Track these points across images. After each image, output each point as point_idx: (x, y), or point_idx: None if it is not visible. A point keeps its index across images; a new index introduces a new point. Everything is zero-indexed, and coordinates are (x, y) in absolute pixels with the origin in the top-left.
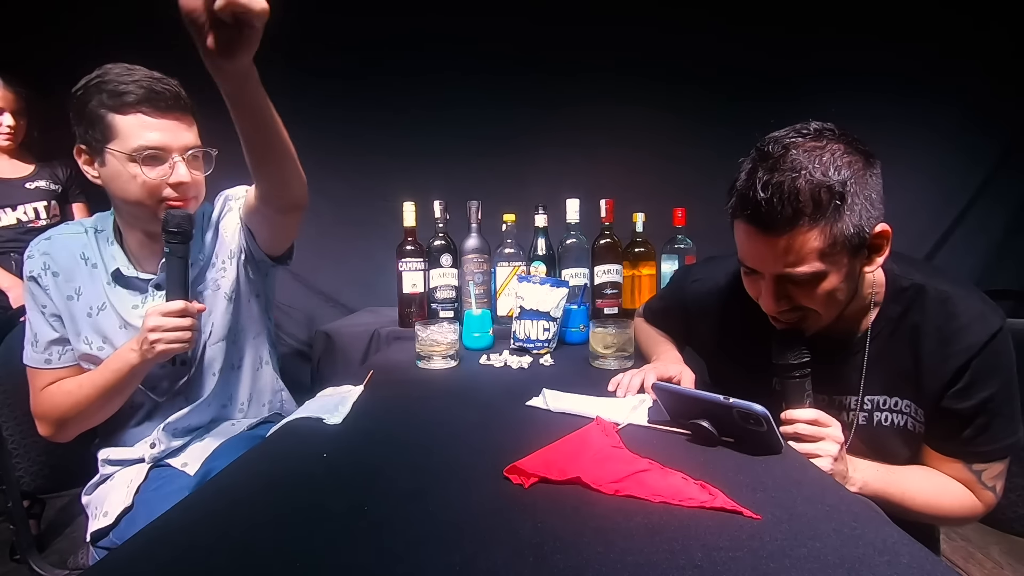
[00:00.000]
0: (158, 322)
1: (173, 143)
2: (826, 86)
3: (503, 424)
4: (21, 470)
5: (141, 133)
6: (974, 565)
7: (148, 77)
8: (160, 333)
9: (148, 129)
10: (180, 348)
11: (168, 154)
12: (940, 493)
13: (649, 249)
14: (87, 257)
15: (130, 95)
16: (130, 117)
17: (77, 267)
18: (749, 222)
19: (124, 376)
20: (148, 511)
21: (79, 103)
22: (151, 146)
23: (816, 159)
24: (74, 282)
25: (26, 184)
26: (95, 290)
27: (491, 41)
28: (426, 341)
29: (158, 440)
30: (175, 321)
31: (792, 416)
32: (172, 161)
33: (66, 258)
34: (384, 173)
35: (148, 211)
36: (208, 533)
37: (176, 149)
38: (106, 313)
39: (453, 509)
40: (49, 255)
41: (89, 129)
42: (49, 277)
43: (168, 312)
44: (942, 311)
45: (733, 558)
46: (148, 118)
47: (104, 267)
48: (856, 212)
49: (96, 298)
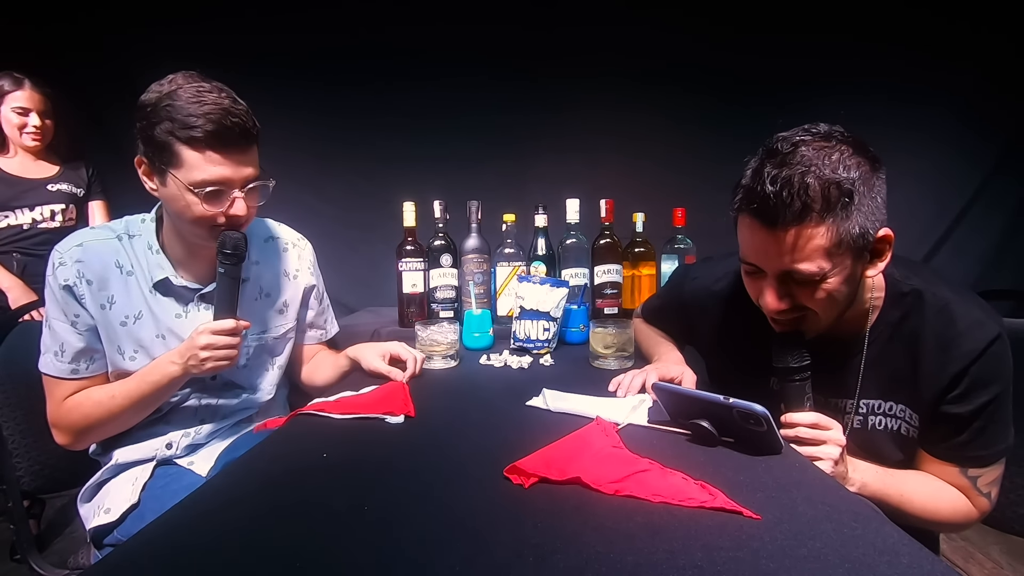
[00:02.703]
0: (211, 340)
1: (235, 177)
2: (825, 89)
3: (503, 424)
4: (21, 470)
5: (206, 168)
6: (974, 565)
7: (218, 108)
8: (212, 351)
9: (213, 164)
10: (227, 365)
11: (230, 188)
12: (937, 498)
13: (649, 249)
14: (121, 265)
15: (198, 130)
16: (196, 153)
17: (111, 275)
18: (755, 216)
19: (162, 387)
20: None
21: (147, 123)
22: (214, 181)
23: (826, 157)
24: (107, 291)
25: (48, 186)
26: (130, 299)
27: (492, 42)
28: (426, 341)
29: (176, 443)
30: (226, 339)
31: (792, 420)
32: (232, 196)
33: (100, 266)
34: (384, 173)
35: (202, 233)
36: (208, 533)
37: (238, 183)
38: (143, 322)
39: (453, 509)
40: (83, 263)
41: (154, 151)
42: (84, 286)
43: (220, 331)
44: (941, 317)
45: (733, 558)
46: (215, 154)
47: (145, 275)
48: (863, 213)
49: (131, 307)
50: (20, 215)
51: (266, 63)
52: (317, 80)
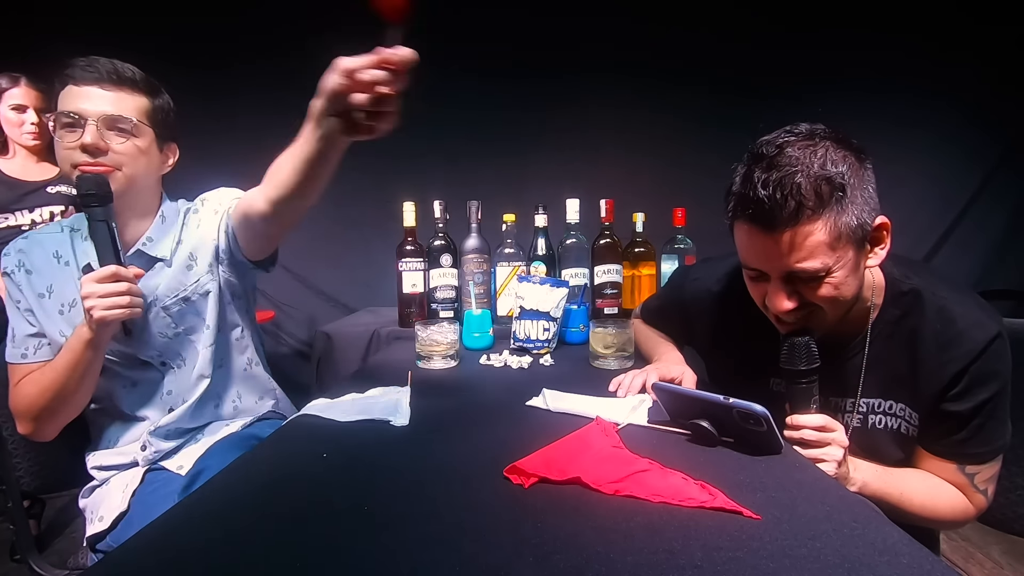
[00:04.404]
0: (91, 289)
1: (92, 110)
2: (827, 86)
3: (503, 424)
4: (21, 470)
5: (67, 100)
6: (974, 565)
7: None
8: (94, 300)
9: (74, 98)
10: (119, 315)
11: (84, 120)
12: (935, 495)
13: (649, 249)
14: (60, 255)
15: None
16: (65, 88)
17: (49, 265)
18: (751, 222)
19: (80, 351)
20: (144, 513)
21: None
22: (69, 111)
23: (812, 154)
24: (46, 280)
25: (47, 188)
26: (67, 287)
27: (492, 41)
28: (426, 341)
29: (148, 443)
30: (108, 287)
31: (799, 422)
32: (86, 127)
33: (40, 256)
34: (384, 173)
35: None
36: (208, 533)
37: (94, 116)
38: (78, 309)
39: (453, 509)
40: (24, 252)
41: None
42: (22, 274)
43: (100, 278)
44: (941, 316)
45: (733, 558)
46: (75, 87)
47: (76, 263)
48: (857, 204)
49: (68, 295)
50: (19, 217)
51: (266, 63)
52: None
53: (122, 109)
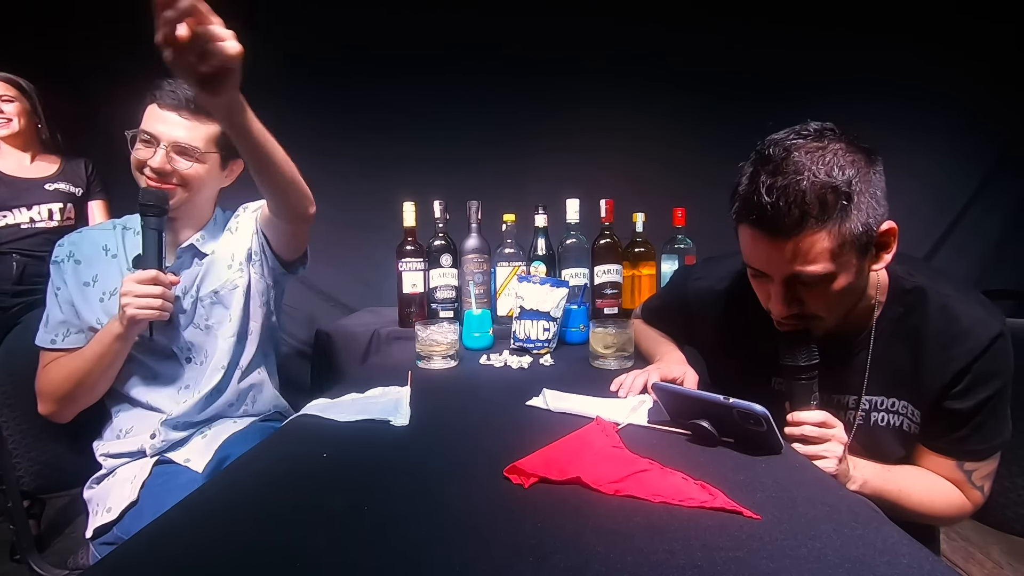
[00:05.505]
0: (129, 287)
1: (165, 134)
2: (826, 87)
3: (503, 424)
4: (21, 470)
5: (147, 121)
6: (974, 565)
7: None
8: (130, 298)
9: (153, 119)
10: (150, 315)
11: (157, 142)
12: (933, 492)
13: (649, 249)
14: (108, 248)
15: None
16: (148, 108)
17: (98, 257)
18: (755, 227)
19: (108, 343)
20: (155, 506)
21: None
22: (147, 131)
23: (819, 160)
24: (93, 270)
25: (46, 185)
26: (111, 277)
27: (491, 41)
28: (426, 341)
29: (158, 431)
30: (145, 288)
31: (799, 418)
32: (158, 148)
33: (90, 248)
34: (384, 173)
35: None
36: (208, 532)
37: (165, 140)
38: (115, 297)
39: (453, 509)
40: (75, 244)
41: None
42: (70, 263)
43: (140, 280)
44: (943, 314)
45: (733, 558)
46: (158, 110)
47: (125, 256)
48: (863, 211)
49: (111, 284)
50: (18, 214)
51: (265, 63)
52: (316, 80)
53: (193, 138)
